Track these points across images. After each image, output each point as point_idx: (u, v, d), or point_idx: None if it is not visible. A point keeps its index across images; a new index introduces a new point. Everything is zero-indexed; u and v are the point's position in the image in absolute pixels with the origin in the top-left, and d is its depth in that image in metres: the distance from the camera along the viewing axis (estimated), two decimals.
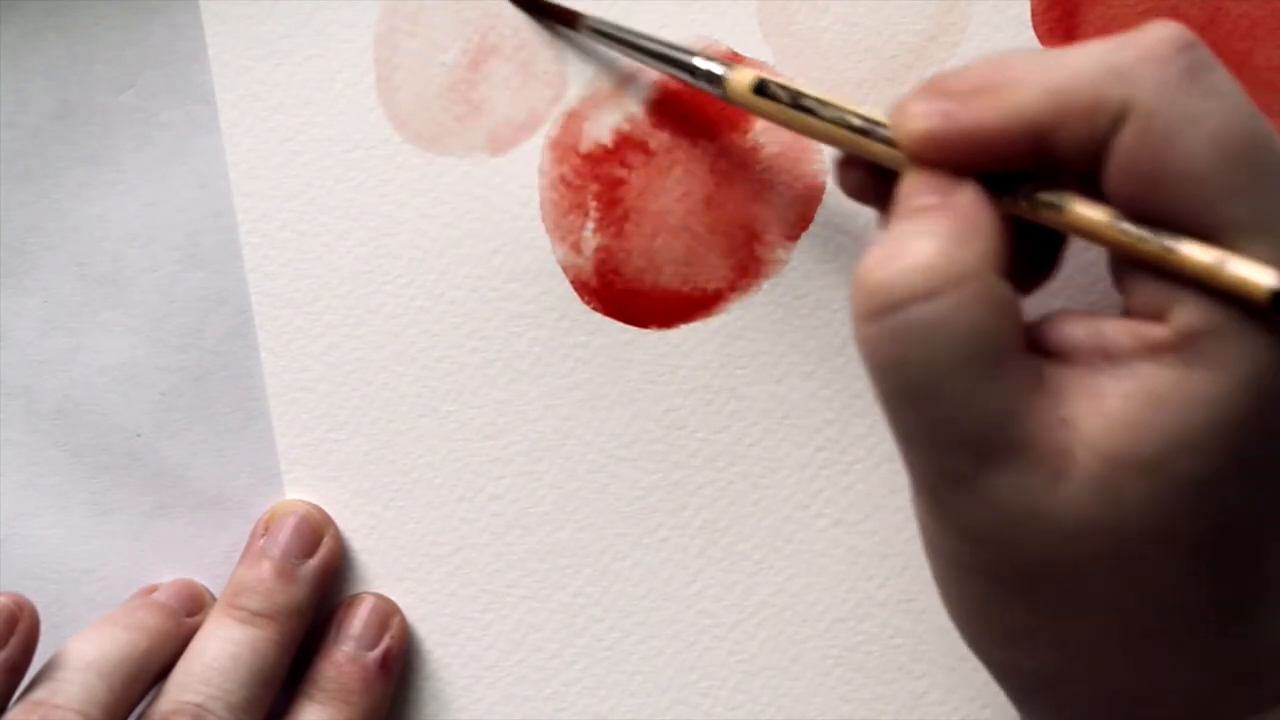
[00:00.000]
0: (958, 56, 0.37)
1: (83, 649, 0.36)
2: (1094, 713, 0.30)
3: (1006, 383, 0.27)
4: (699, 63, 0.34)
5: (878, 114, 0.30)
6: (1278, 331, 0.26)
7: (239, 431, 0.40)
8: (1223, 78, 0.27)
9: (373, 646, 0.38)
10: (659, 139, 0.38)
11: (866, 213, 0.37)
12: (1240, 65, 0.37)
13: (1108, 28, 0.37)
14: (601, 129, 0.38)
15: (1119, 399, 0.27)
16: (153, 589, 0.40)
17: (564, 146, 0.38)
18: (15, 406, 0.40)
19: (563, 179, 0.39)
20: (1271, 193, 0.26)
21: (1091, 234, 0.28)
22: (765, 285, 0.38)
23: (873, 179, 0.31)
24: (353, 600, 0.39)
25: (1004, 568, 0.28)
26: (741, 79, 0.32)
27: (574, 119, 0.38)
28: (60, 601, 0.40)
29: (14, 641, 0.35)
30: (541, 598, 0.39)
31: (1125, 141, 0.26)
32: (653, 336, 0.39)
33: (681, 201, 0.38)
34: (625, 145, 0.38)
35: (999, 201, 0.28)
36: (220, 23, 0.39)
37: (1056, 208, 0.28)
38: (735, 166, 0.38)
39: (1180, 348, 0.26)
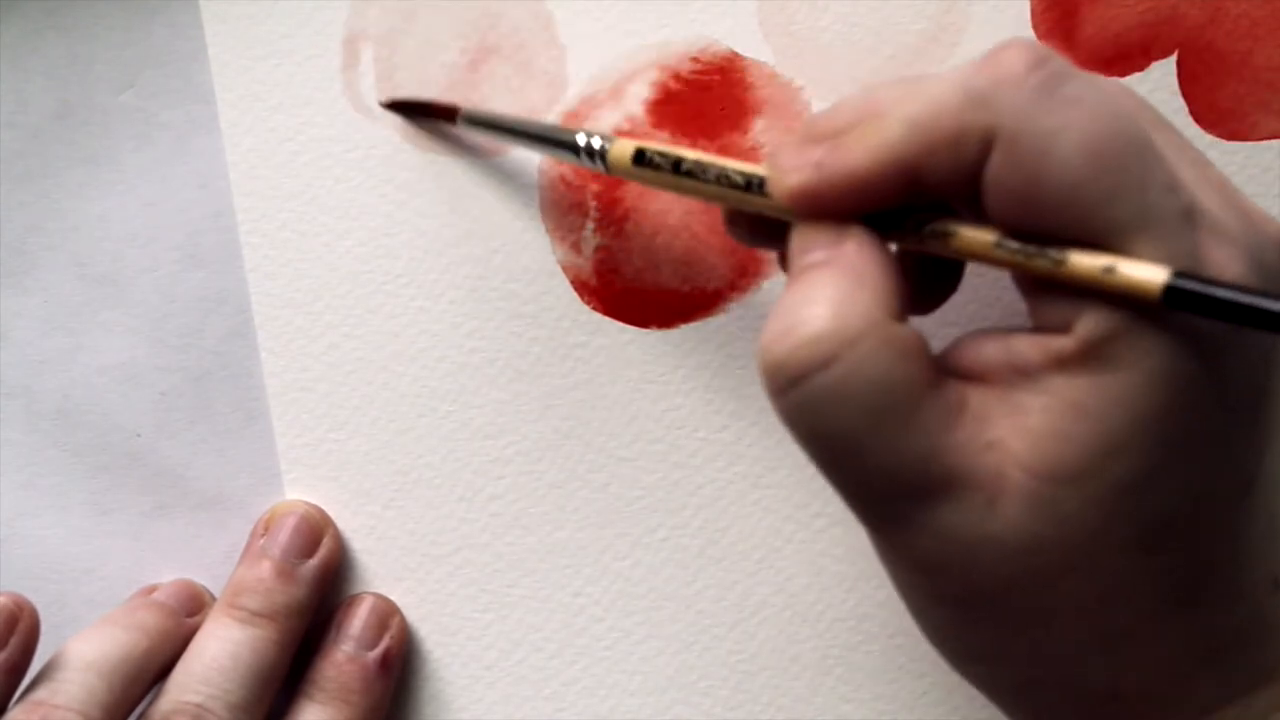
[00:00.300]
0: (957, 56, 0.37)
1: (83, 649, 0.36)
2: (1075, 714, 0.30)
3: (924, 423, 0.27)
4: (581, 140, 0.33)
5: (759, 170, 0.30)
6: (1177, 325, 0.26)
7: (239, 431, 0.40)
8: (1081, 84, 0.27)
9: (372, 646, 0.38)
10: (659, 139, 0.38)
11: None
12: (1240, 65, 0.37)
13: (1107, 27, 0.37)
14: (601, 129, 0.38)
15: (1038, 414, 0.27)
16: (152, 589, 0.40)
17: None
18: (15, 406, 0.40)
19: (562, 179, 0.39)
20: (1149, 189, 0.26)
21: (981, 257, 0.28)
22: (765, 285, 0.38)
23: (764, 226, 0.31)
24: (352, 600, 0.39)
25: (960, 593, 0.29)
26: (622, 151, 0.32)
27: (574, 119, 0.38)
28: (60, 601, 0.40)
29: (14, 642, 0.35)
30: (541, 598, 0.40)
31: (995, 166, 0.26)
32: (652, 336, 0.39)
33: (681, 201, 0.38)
34: None
35: (887, 238, 0.29)
36: (220, 23, 0.39)
37: (944, 238, 0.28)
38: None
39: (1087, 356, 0.26)
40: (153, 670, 0.37)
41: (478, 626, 0.40)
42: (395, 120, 0.39)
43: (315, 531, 0.39)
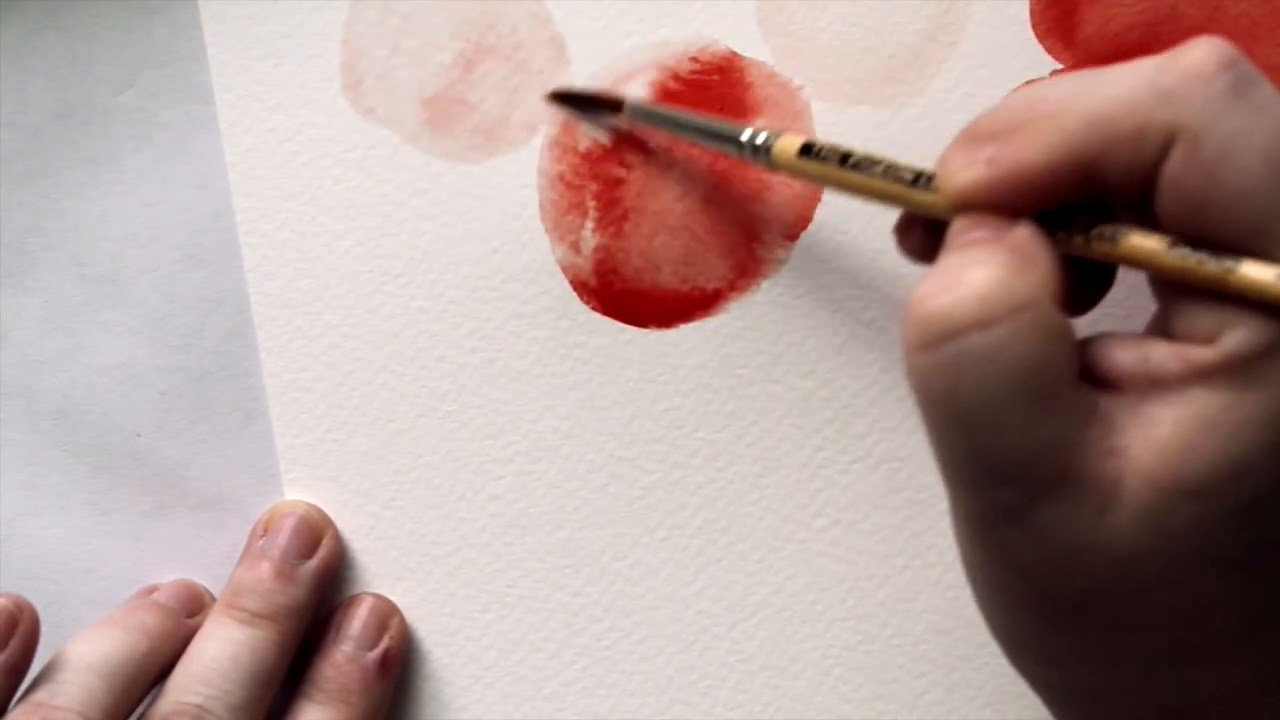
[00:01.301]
0: (956, 56, 0.37)
1: (83, 650, 0.36)
2: None
3: (1060, 414, 0.27)
4: (745, 135, 0.33)
5: (926, 167, 0.29)
6: None
7: (239, 431, 0.40)
8: (1268, 91, 0.26)
9: (372, 647, 0.38)
10: (658, 138, 0.38)
11: (866, 212, 0.37)
12: None
13: (1106, 27, 0.37)
14: (600, 128, 0.38)
15: (1169, 426, 0.26)
16: (152, 589, 0.40)
17: (562, 146, 0.38)
18: (15, 406, 0.40)
19: (561, 178, 0.39)
20: None
21: (1148, 264, 0.27)
22: (764, 285, 0.38)
23: (931, 237, 0.31)
24: (352, 600, 0.39)
25: (1051, 596, 0.28)
26: (787, 145, 0.32)
27: (572, 118, 0.38)
28: (60, 601, 0.40)
29: (14, 643, 0.35)
30: (541, 598, 0.39)
31: (1175, 165, 0.26)
32: (652, 336, 0.39)
33: (681, 201, 0.38)
34: (624, 144, 0.38)
35: (1053, 239, 0.28)
36: (219, 23, 0.39)
37: (1112, 240, 0.27)
38: (734, 166, 0.38)
39: (1231, 370, 0.26)
40: (153, 671, 0.37)
41: (477, 626, 0.40)
42: (394, 120, 0.39)
43: (315, 532, 0.39)
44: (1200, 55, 0.26)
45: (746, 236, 0.38)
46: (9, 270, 0.40)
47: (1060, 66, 0.37)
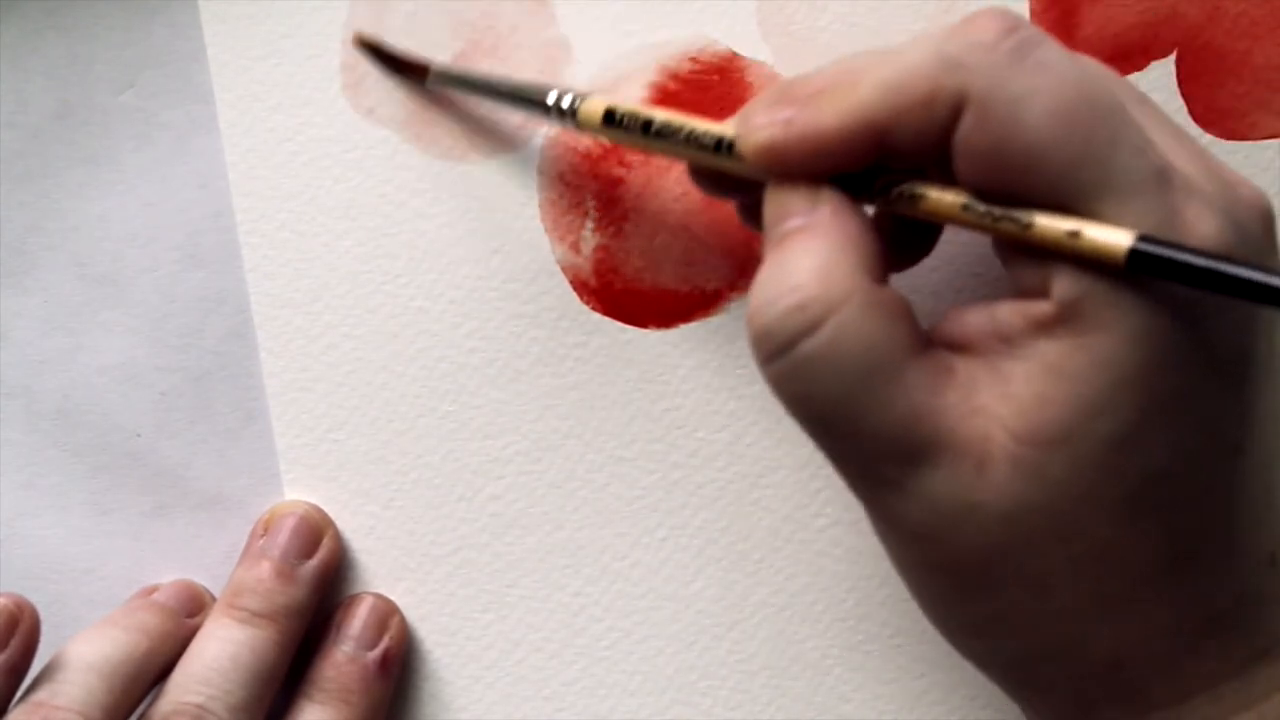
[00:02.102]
0: None
1: (83, 650, 0.36)
2: (1079, 689, 0.30)
3: (911, 385, 0.28)
4: (551, 98, 0.34)
5: (727, 130, 0.30)
6: (1153, 285, 0.26)
7: (239, 431, 0.40)
8: (1051, 50, 0.27)
9: (372, 647, 0.38)
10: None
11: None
12: (1239, 64, 0.37)
13: (1106, 27, 0.37)
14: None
15: (1021, 379, 0.27)
16: (153, 589, 0.40)
17: (562, 146, 0.38)
18: (15, 406, 0.40)
19: (561, 178, 0.39)
20: (1118, 151, 0.26)
21: (950, 219, 0.28)
22: None
23: (729, 178, 0.31)
24: (352, 600, 0.39)
25: (953, 561, 0.29)
26: (592, 110, 0.32)
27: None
28: (60, 601, 0.40)
29: (14, 643, 0.35)
30: (541, 598, 0.40)
31: (965, 129, 0.27)
32: (652, 336, 0.39)
33: (680, 201, 0.38)
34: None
35: (858, 200, 0.29)
36: (219, 23, 0.39)
37: (911, 198, 0.28)
38: None
39: (1066, 318, 0.27)
40: (153, 671, 0.37)
41: (478, 626, 0.40)
42: (394, 120, 0.39)
43: (315, 532, 0.39)
44: (983, 23, 0.28)
45: (747, 236, 0.38)
46: (9, 270, 0.40)
47: None
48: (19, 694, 0.35)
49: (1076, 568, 0.28)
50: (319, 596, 0.39)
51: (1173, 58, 0.37)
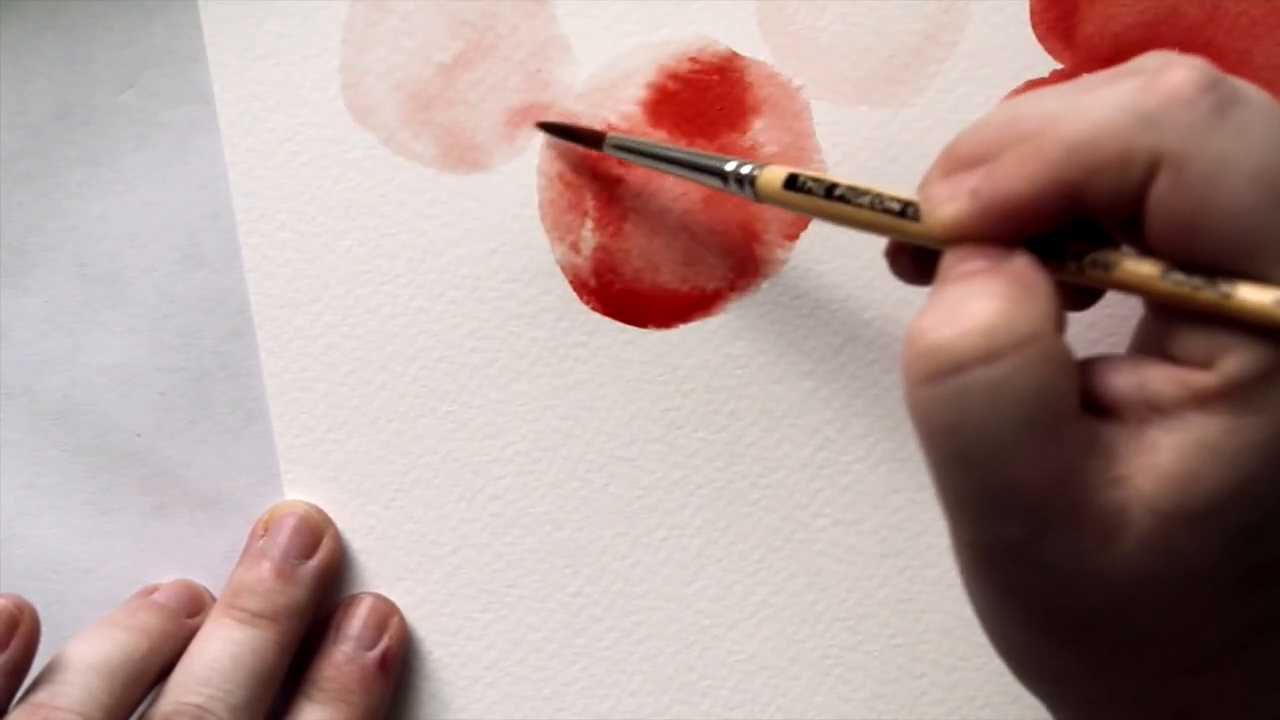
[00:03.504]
0: (956, 56, 0.37)
1: (83, 650, 0.36)
2: None
3: (1066, 446, 0.26)
4: (729, 167, 0.33)
5: (913, 196, 0.29)
6: None
7: (239, 431, 0.40)
8: (1251, 111, 0.26)
9: (371, 647, 0.38)
10: (656, 138, 0.38)
11: None
12: (1239, 64, 0.37)
13: (1106, 27, 0.37)
14: (598, 127, 0.38)
15: (1170, 452, 0.26)
16: (153, 589, 0.40)
17: (561, 145, 0.38)
18: (15, 406, 0.40)
19: (561, 178, 0.39)
20: None
21: (1144, 291, 0.27)
22: (764, 285, 0.38)
23: (921, 261, 0.30)
24: (351, 600, 0.39)
25: (1054, 621, 0.28)
26: (772, 178, 0.32)
27: (571, 117, 0.38)
28: (60, 601, 0.40)
29: (14, 644, 0.35)
30: (541, 597, 0.39)
31: (1161, 191, 0.26)
32: (652, 336, 0.39)
33: (680, 201, 0.38)
34: None
35: (1047, 265, 0.28)
36: (219, 23, 0.39)
37: (1106, 268, 0.27)
38: None
39: (1230, 395, 0.26)
40: (153, 671, 0.37)
41: (477, 626, 0.40)
42: (394, 120, 0.39)
43: (315, 532, 0.39)
44: (1181, 77, 0.26)
45: (746, 236, 0.38)
46: (9, 270, 0.40)
47: (1060, 67, 0.37)
48: (19, 694, 0.35)
49: (1171, 632, 0.28)
50: (319, 597, 0.39)
51: None
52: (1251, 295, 0.25)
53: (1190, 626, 0.27)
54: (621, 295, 0.39)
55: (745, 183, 0.33)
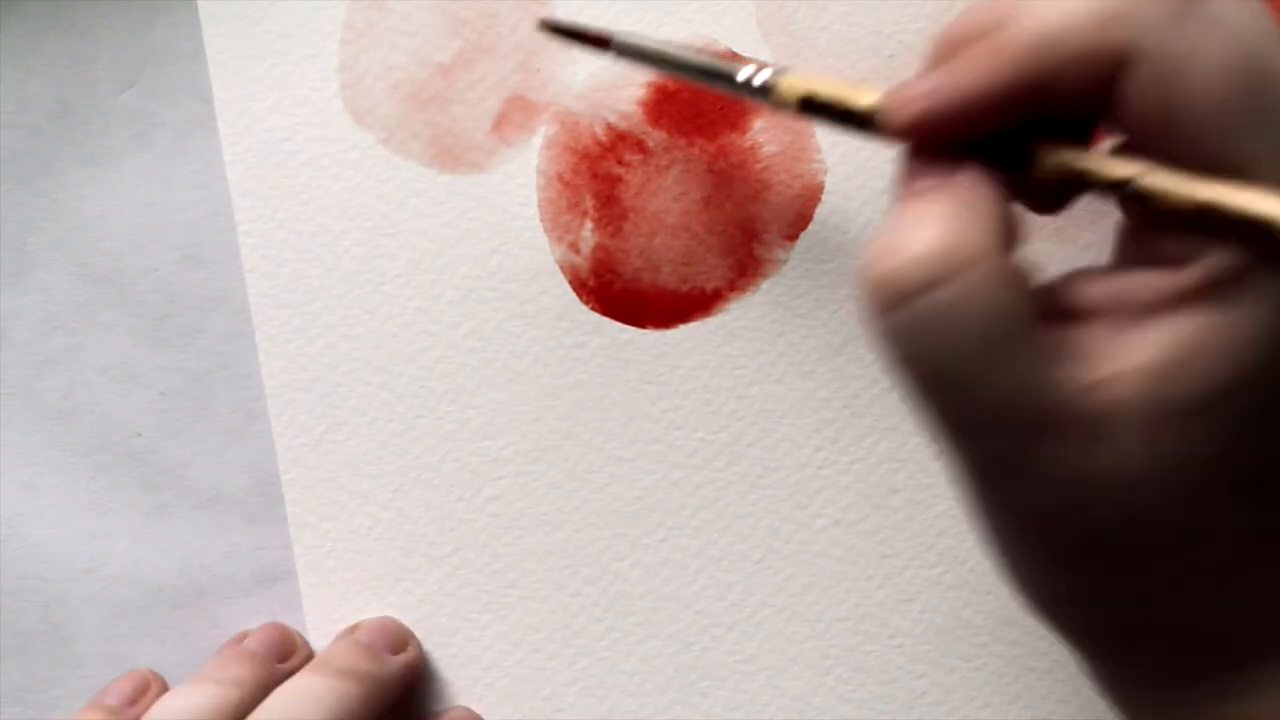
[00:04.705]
0: None
1: (178, 705, 0.37)
2: (1178, 654, 0.29)
3: (1028, 357, 0.26)
4: (742, 75, 0.32)
5: (873, 104, 0.29)
6: None
7: (239, 431, 0.40)
8: (1222, 4, 0.25)
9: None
10: (655, 137, 0.38)
11: (866, 212, 0.37)
12: None
13: None
14: (597, 127, 0.38)
15: (1150, 352, 0.26)
16: (244, 635, 0.40)
17: (561, 145, 0.38)
18: (15, 406, 0.40)
19: (560, 178, 0.39)
20: None
21: (1118, 190, 0.27)
22: (764, 285, 0.38)
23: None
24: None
25: (1058, 539, 0.28)
26: (790, 91, 0.31)
27: (570, 117, 0.38)
28: (60, 601, 0.40)
29: (142, 702, 0.38)
30: (540, 598, 0.39)
31: (1131, 85, 0.25)
32: (651, 336, 0.39)
33: (679, 201, 0.38)
34: (621, 142, 0.38)
35: (1009, 172, 0.27)
36: (218, 23, 0.39)
37: (1078, 170, 0.27)
38: (733, 166, 0.38)
39: (1208, 293, 0.26)
40: None
41: (477, 626, 0.40)
42: (393, 120, 0.39)
43: (400, 633, 0.39)
44: None
45: (746, 236, 0.38)
46: (9, 270, 0.40)
47: None
48: None
49: (1182, 542, 0.27)
50: (403, 687, 0.39)
51: None
52: (1233, 196, 0.25)
53: (1191, 537, 0.27)
54: (621, 295, 0.39)
55: (760, 92, 0.31)
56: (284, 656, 0.39)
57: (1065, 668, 0.38)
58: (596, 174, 0.38)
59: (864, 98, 0.29)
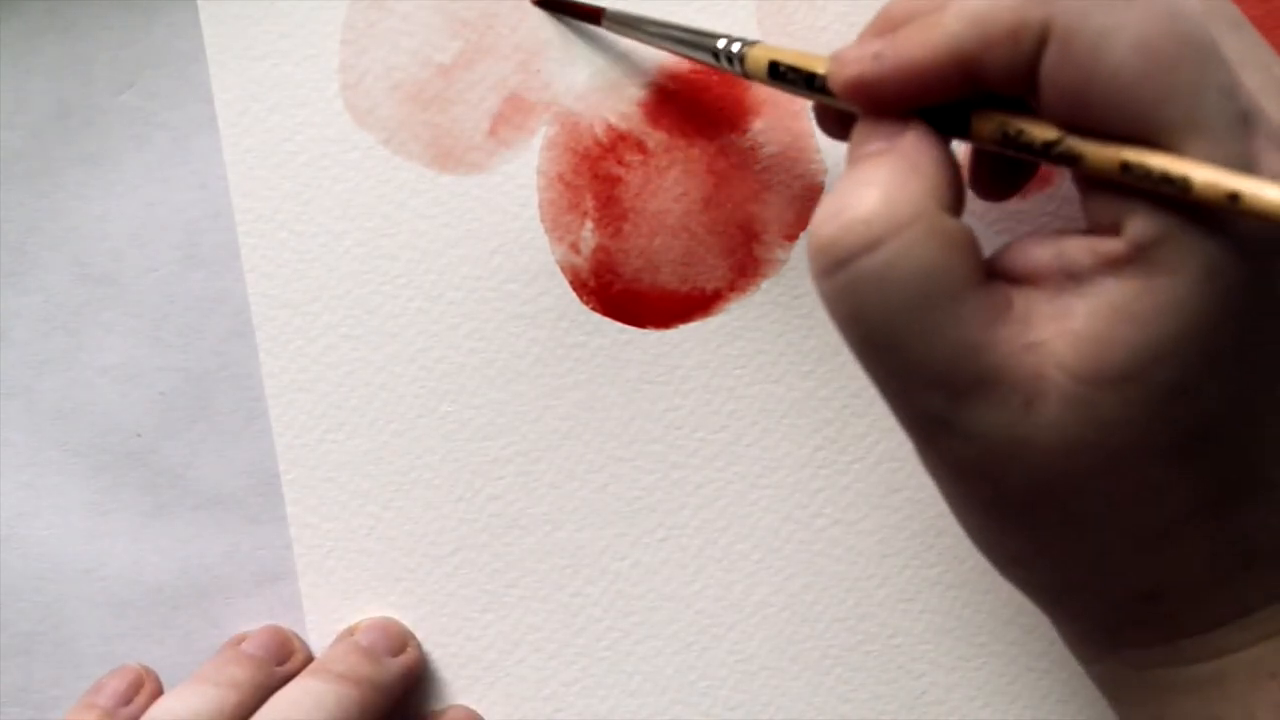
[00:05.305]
0: None
1: (175, 707, 0.36)
2: (1111, 615, 0.30)
3: (967, 318, 0.27)
4: (721, 44, 0.33)
5: (820, 66, 0.30)
6: (1228, 228, 0.26)
7: (239, 431, 0.40)
8: None
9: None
10: (656, 138, 0.38)
11: None
12: None
13: None
14: (598, 127, 0.38)
15: (1084, 317, 0.27)
16: (241, 638, 0.40)
17: (561, 146, 0.38)
18: (15, 406, 0.40)
19: (560, 178, 0.39)
20: (1203, 91, 0.26)
21: (1044, 154, 0.27)
22: (764, 285, 0.38)
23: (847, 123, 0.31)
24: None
25: (999, 497, 0.29)
26: (758, 60, 0.32)
27: (570, 118, 0.38)
28: (60, 601, 0.40)
29: (138, 699, 0.38)
30: (540, 598, 0.40)
31: (1050, 63, 0.26)
32: (651, 336, 0.39)
33: (680, 201, 0.38)
34: (621, 143, 0.38)
35: (949, 136, 0.28)
36: (218, 23, 0.39)
37: (1007, 134, 0.28)
38: (733, 166, 0.38)
39: (1137, 258, 0.26)
40: None
41: (477, 626, 0.40)
42: (393, 120, 0.39)
43: (400, 636, 0.39)
44: None
45: (746, 236, 0.38)
46: (9, 270, 0.40)
47: None
48: None
49: (1118, 506, 0.28)
50: (402, 690, 0.39)
51: None
52: (1148, 156, 0.26)
53: (1133, 500, 0.28)
54: (621, 295, 0.39)
55: (735, 60, 0.32)
56: (282, 659, 0.39)
57: (1065, 668, 0.39)
58: (597, 174, 0.38)
59: (822, 65, 0.30)
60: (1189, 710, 0.30)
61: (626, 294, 0.39)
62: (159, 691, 0.39)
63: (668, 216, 0.38)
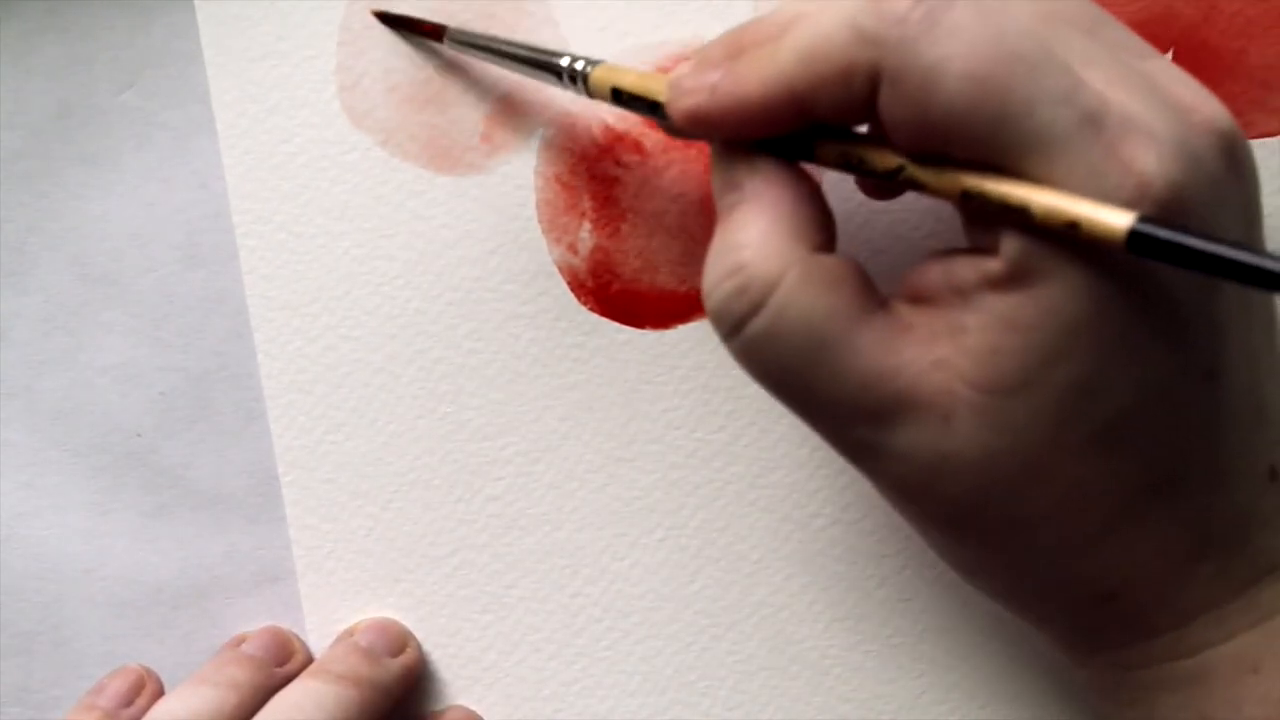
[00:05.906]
0: None
1: (175, 708, 0.37)
2: (1078, 620, 0.31)
3: (865, 348, 0.28)
4: (565, 62, 0.33)
5: (661, 95, 0.30)
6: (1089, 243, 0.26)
7: (239, 431, 0.40)
8: (963, 13, 0.26)
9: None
10: (653, 139, 0.38)
11: (863, 212, 0.37)
12: (1235, 63, 0.37)
13: None
14: (595, 128, 0.38)
15: (976, 332, 0.27)
16: (241, 639, 0.40)
17: (559, 147, 0.38)
18: (15, 406, 0.40)
19: (558, 179, 0.38)
20: (1037, 108, 0.26)
21: (891, 179, 0.28)
22: None
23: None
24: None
25: (938, 512, 0.30)
26: (602, 80, 0.32)
27: (568, 118, 0.38)
28: (60, 601, 0.41)
29: (140, 701, 0.38)
30: (540, 598, 0.40)
31: (885, 102, 0.27)
32: (650, 337, 0.39)
33: (677, 201, 0.38)
34: (619, 143, 0.38)
35: (804, 162, 0.29)
36: (215, 24, 0.39)
37: (856, 161, 0.28)
38: None
39: (1013, 275, 0.27)
40: None
41: (477, 627, 0.40)
42: (391, 121, 0.39)
43: (399, 636, 0.39)
44: None
45: None
46: (9, 270, 0.40)
47: None
48: None
49: (1054, 507, 0.28)
50: (402, 691, 0.39)
51: (1168, 57, 0.37)
52: (982, 186, 0.26)
53: (1062, 500, 0.28)
54: (619, 296, 0.39)
55: (579, 79, 0.33)
56: (282, 660, 0.39)
57: (1065, 668, 0.38)
58: (594, 175, 0.38)
59: (664, 92, 0.30)
60: (1176, 708, 0.30)
61: (625, 294, 0.39)
62: (160, 693, 0.39)
63: (666, 217, 0.38)
